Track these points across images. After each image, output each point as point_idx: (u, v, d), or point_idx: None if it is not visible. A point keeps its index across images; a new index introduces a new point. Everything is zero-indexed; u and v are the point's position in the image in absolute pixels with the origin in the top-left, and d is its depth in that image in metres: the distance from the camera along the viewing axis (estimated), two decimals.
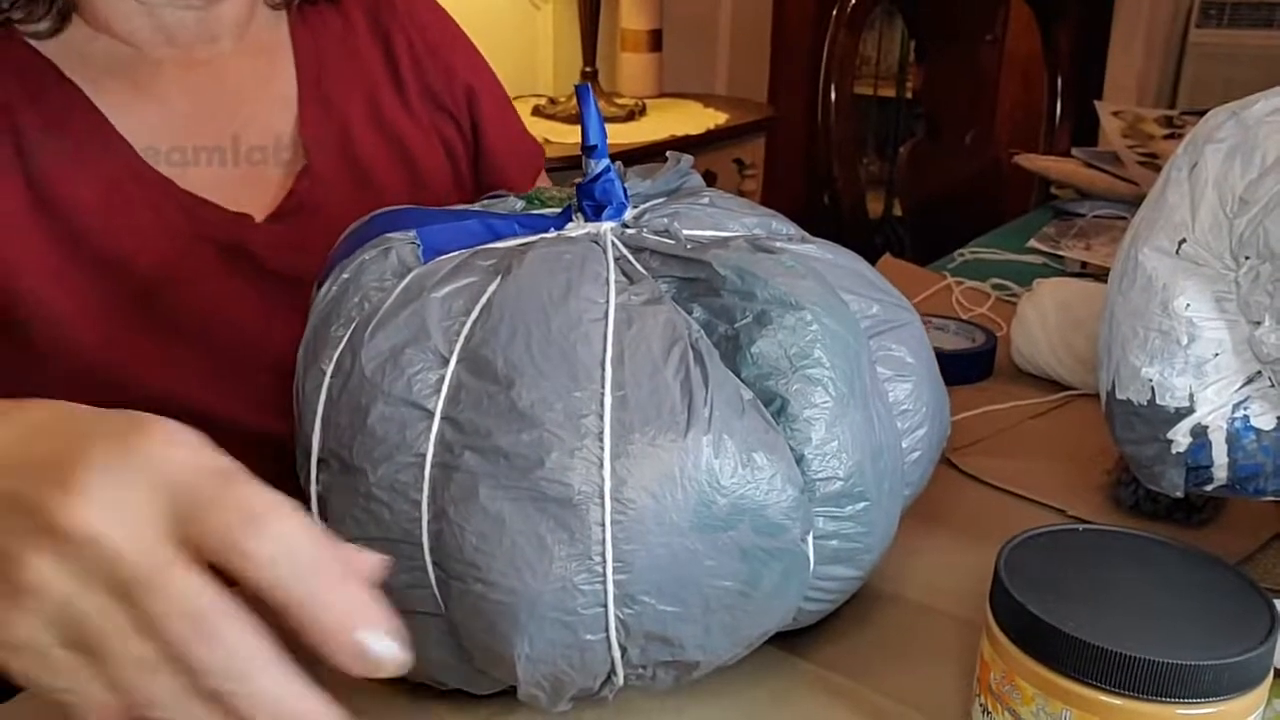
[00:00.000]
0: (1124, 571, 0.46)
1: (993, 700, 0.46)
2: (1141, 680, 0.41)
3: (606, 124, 0.59)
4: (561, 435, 0.45)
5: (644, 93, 2.48)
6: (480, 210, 0.58)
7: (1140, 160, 1.33)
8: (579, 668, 0.46)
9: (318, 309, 0.54)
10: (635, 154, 2.01)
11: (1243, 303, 0.55)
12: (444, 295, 0.49)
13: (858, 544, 0.51)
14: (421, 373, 0.48)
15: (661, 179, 0.59)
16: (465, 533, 0.45)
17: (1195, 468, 0.57)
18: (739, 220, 0.57)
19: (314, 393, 0.51)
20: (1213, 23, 2.55)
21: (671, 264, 0.52)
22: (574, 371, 0.46)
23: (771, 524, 0.47)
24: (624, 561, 0.44)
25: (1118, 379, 0.59)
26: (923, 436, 0.56)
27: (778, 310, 0.50)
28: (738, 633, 0.49)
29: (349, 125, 0.81)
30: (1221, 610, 0.44)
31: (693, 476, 0.45)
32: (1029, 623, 0.43)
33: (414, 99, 0.86)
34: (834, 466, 0.49)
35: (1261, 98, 0.56)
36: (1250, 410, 0.56)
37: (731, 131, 2.35)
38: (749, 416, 0.47)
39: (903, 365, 0.55)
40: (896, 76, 3.24)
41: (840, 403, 0.49)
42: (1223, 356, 0.56)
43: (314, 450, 0.51)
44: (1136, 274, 0.58)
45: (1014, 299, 1.04)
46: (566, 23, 2.48)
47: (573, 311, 0.47)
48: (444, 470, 0.46)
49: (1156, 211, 0.59)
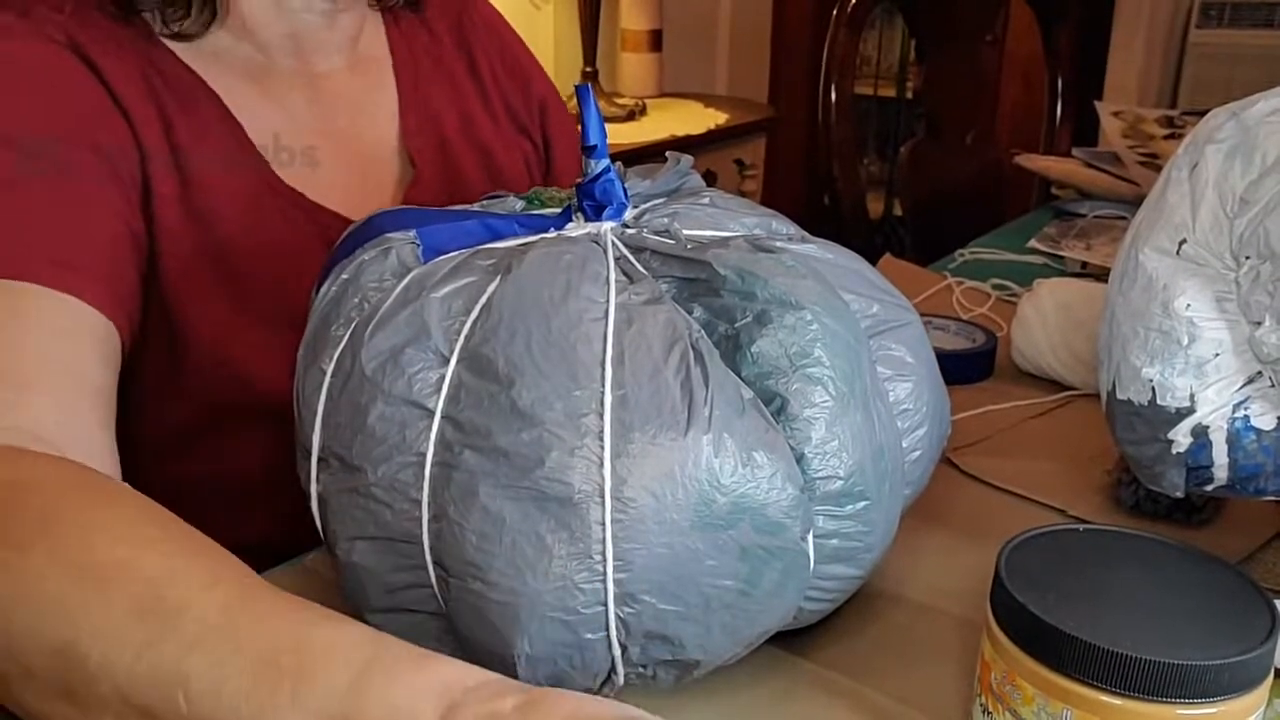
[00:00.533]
0: (1125, 571, 0.46)
1: (993, 700, 0.46)
2: (1142, 680, 0.41)
3: (606, 124, 0.59)
4: (562, 435, 0.45)
5: (644, 93, 2.48)
6: (480, 210, 0.58)
7: (1141, 160, 1.33)
8: (579, 667, 0.46)
9: (318, 309, 0.54)
10: (635, 154, 2.01)
11: (1243, 303, 0.55)
12: (444, 295, 0.49)
13: (858, 543, 0.51)
14: (421, 372, 0.48)
15: (661, 179, 0.59)
16: (465, 532, 0.45)
17: (1196, 468, 0.57)
18: (739, 220, 0.57)
19: (314, 393, 0.51)
20: (1213, 23, 2.55)
21: (671, 264, 0.52)
22: (574, 371, 0.46)
23: (772, 523, 0.47)
24: (624, 560, 0.44)
25: (1118, 379, 0.59)
26: (923, 436, 0.56)
27: (778, 310, 0.50)
28: (738, 632, 0.49)
29: (445, 135, 0.82)
30: (1222, 610, 0.44)
31: (693, 475, 0.45)
32: (1030, 623, 0.43)
33: (499, 112, 0.87)
34: (834, 466, 0.49)
35: (1262, 98, 0.56)
36: (1251, 410, 0.56)
37: (732, 132, 2.35)
38: (749, 416, 0.47)
39: (903, 365, 0.55)
40: (897, 76, 3.24)
41: (840, 402, 0.49)
42: (1223, 357, 0.56)
43: (314, 450, 0.51)
44: (1137, 274, 0.58)
45: (1014, 299, 1.04)
46: (566, 23, 2.48)
47: (573, 311, 0.47)
48: (444, 470, 0.46)
49: (1157, 212, 0.59)
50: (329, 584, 0.60)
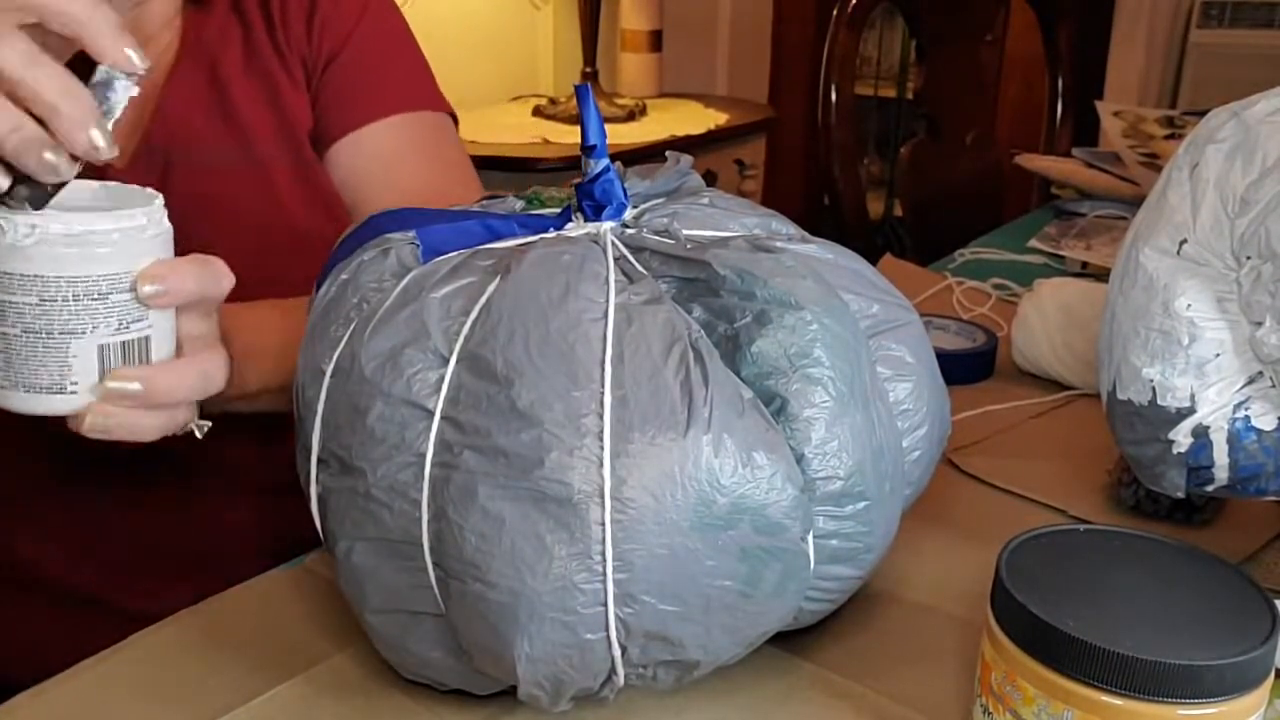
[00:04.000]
0: (1125, 572, 0.46)
1: (994, 701, 0.46)
2: (1143, 680, 0.41)
3: (606, 124, 0.59)
4: (561, 435, 0.45)
5: (644, 93, 2.48)
6: (479, 211, 0.58)
7: (1141, 160, 1.33)
8: (579, 667, 0.46)
9: (317, 309, 0.54)
10: (635, 154, 2.01)
11: (1244, 303, 0.55)
12: (443, 295, 0.49)
13: (858, 544, 0.51)
14: (421, 373, 0.48)
15: (661, 179, 0.59)
16: (465, 533, 0.45)
17: (1196, 468, 0.57)
18: (739, 220, 0.57)
19: (314, 393, 0.51)
20: (1214, 23, 2.55)
21: (671, 264, 0.52)
22: (573, 371, 0.46)
23: (772, 523, 0.47)
24: (624, 561, 0.44)
25: (1119, 379, 0.59)
26: (923, 436, 0.56)
27: (777, 310, 0.50)
28: (738, 632, 0.48)
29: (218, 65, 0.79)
30: (1222, 610, 0.44)
31: (693, 476, 0.45)
32: (1030, 623, 0.43)
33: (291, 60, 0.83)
34: (834, 466, 0.49)
35: (1262, 98, 0.56)
36: (1251, 410, 0.56)
37: (732, 132, 2.35)
38: (749, 416, 0.47)
39: (903, 365, 0.55)
40: (897, 76, 3.25)
41: (840, 402, 0.49)
42: (1224, 357, 0.56)
43: (314, 450, 0.51)
44: (1137, 274, 0.58)
45: (1015, 299, 1.04)
46: (566, 23, 2.48)
47: (572, 311, 0.47)
48: (444, 470, 0.46)
49: (1157, 212, 0.59)
50: (329, 584, 0.60)
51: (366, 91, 0.85)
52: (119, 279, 0.51)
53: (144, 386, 0.52)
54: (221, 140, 0.79)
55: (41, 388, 0.51)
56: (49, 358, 0.51)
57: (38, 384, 0.51)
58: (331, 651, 0.56)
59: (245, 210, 0.79)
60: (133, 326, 0.52)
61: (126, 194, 0.55)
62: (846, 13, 1.52)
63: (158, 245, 0.53)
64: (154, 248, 0.53)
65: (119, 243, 0.51)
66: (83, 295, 0.50)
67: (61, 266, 0.50)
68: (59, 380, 0.51)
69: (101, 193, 0.55)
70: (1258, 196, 0.54)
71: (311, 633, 0.57)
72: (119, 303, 0.51)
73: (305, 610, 0.59)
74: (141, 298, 0.52)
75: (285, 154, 0.81)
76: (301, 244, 0.78)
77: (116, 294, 0.51)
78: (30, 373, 0.51)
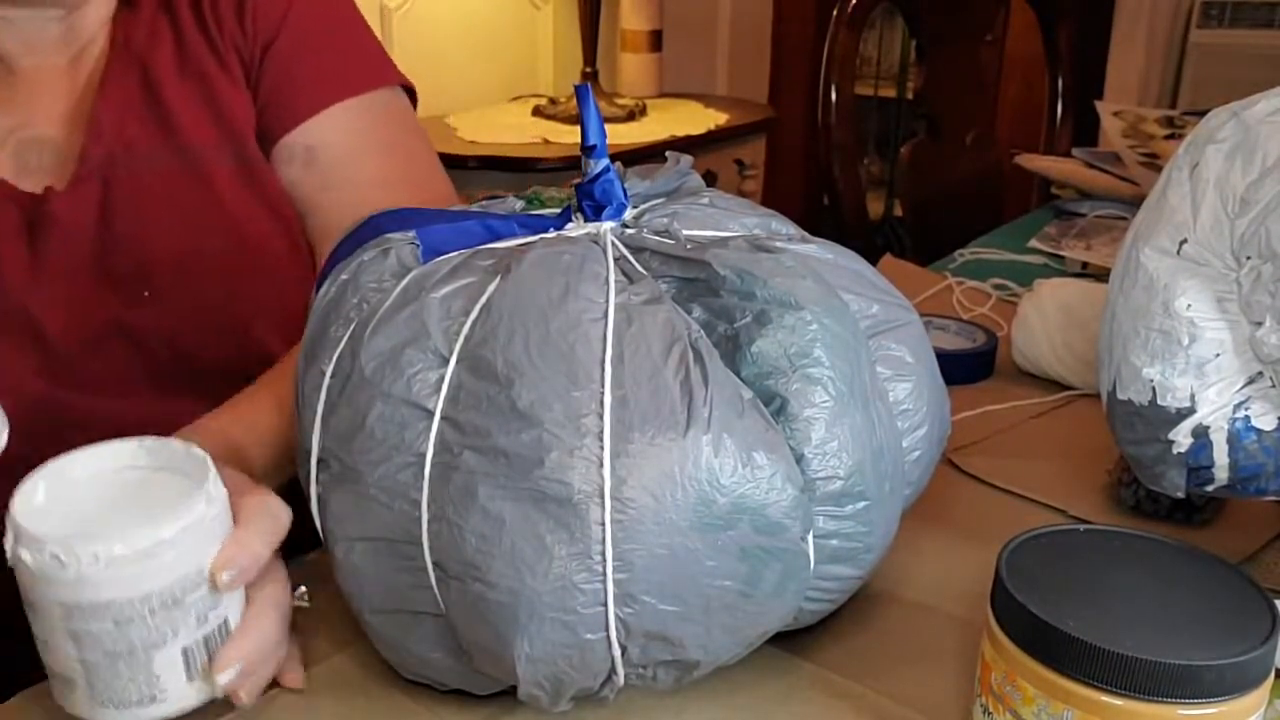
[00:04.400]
0: (1125, 572, 0.46)
1: (994, 701, 0.46)
2: (1143, 680, 0.41)
3: (606, 124, 0.59)
4: (561, 435, 0.45)
5: (644, 93, 2.48)
6: (479, 211, 0.58)
7: (1141, 160, 1.33)
8: (579, 667, 0.46)
9: (317, 309, 0.54)
10: (635, 154, 2.01)
11: (1244, 303, 0.55)
12: (443, 295, 0.49)
13: (858, 543, 0.51)
14: (421, 373, 0.48)
15: (661, 179, 0.59)
16: (465, 533, 0.45)
17: (1196, 468, 0.57)
18: (739, 220, 0.57)
19: (313, 393, 0.51)
20: (1214, 23, 2.55)
21: (671, 264, 0.52)
22: (573, 371, 0.46)
23: (771, 523, 0.47)
24: (624, 561, 0.44)
25: (1119, 379, 0.59)
26: (923, 436, 0.56)
27: (777, 310, 0.50)
28: (738, 632, 0.48)
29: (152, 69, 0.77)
30: (1222, 610, 0.44)
31: (693, 476, 0.45)
32: (1030, 623, 0.43)
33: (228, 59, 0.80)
34: (834, 466, 0.49)
35: (1263, 98, 0.56)
36: (1251, 410, 0.56)
37: (732, 132, 2.35)
38: (749, 416, 0.47)
39: (903, 365, 0.55)
40: (897, 77, 3.24)
41: (840, 402, 0.49)
42: (1224, 357, 0.56)
43: (314, 450, 0.51)
44: (1138, 274, 0.58)
45: (1015, 299, 1.04)
46: (566, 23, 2.48)
47: (572, 311, 0.47)
48: (444, 470, 0.46)
49: (1157, 212, 0.59)
50: (329, 584, 0.60)
51: (309, 78, 0.80)
52: (192, 579, 0.47)
53: (245, 663, 0.49)
54: (157, 146, 0.76)
55: (130, 703, 0.48)
56: (134, 675, 0.47)
57: (126, 700, 0.48)
58: (331, 651, 0.56)
59: (187, 216, 0.75)
60: (210, 616, 0.48)
61: (167, 452, 0.51)
62: (846, 13, 1.52)
63: (219, 524, 0.49)
64: (217, 529, 0.49)
65: (185, 542, 0.47)
66: (158, 608, 0.46)
67: (133, 587, 0.46)
68: (147, 692, 0.48)
69: (140, 452, 0.52)
70: (1258, 196, 0.54)
71: (311, 633, 0.57)
72: (195, 600, 0.48)
73: (305, 610, 0.59)
74: (220, 587, 0.48)
75: (225, 155, 0.77)
76: (245, 246, 0.76)
77: (192, 594, 0.47)
78: (118, 691, 0.47)
